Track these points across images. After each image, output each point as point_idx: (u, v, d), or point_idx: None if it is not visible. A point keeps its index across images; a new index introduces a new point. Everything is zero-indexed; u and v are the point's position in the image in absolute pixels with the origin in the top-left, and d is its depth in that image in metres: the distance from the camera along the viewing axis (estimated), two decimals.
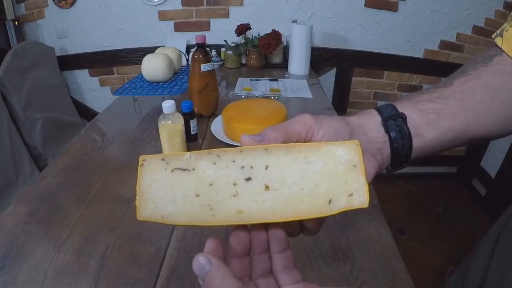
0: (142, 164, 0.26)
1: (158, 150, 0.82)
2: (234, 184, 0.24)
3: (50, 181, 0.73)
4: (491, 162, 1.85)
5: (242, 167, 0.24)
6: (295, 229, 0.29)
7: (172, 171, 0.25)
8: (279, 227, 0.26)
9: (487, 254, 0.55)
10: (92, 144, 0.89)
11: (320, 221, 0.29)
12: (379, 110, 0.35)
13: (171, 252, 0.54)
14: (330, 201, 0.24)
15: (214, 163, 0.25)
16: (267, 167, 0.25)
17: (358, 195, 0.24)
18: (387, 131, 0.34)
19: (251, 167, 0.24)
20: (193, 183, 0.25)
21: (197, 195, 0.25)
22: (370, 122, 0.34)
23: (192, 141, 0.87)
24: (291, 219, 0.24)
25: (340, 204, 0.24)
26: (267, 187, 0.24)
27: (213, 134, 0.89)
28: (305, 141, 0.29)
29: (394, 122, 0.34)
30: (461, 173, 2.06)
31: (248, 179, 0.24)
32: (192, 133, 0.87)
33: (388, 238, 0.56)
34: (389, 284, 0.48)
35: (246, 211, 0.24)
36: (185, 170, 0.25)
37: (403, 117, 0.34)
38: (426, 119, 0.35)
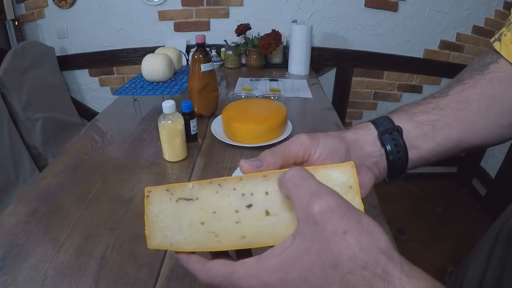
0: (148, 196, 0.27)
1: (158, 150, 0.82)
2: (236, 211, 0.26)
3: (50, 181, 0.73)
4: (491, 162, 1.84)
5: (243, 194, 0.26)
6: None
7: (177, 201, 0.27)
8: None
9: (486, 254, 0.55)
10: (92, 144, 0.89)
11: None
12: (375, 123, 0.35)
13: (171, 252, 0.54)
14: None
15: (217, 192, 0.26)
16: (266, 193, 0.26)
17: None
18: (383, 144, 0.34)
19: (251, 194, 0.26)
20: (198, 211, 0.26)
21: (202, 223, 0.26)
22: (366, 136, 0.34)
23: (192, 141, 0.87)
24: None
25: None
26: (267, 213, 0.25)
27: (213, 134, 0.89)
28: (302, 162, 0.30)
29: (390, 135, 0.34)
30: (461, 173, 2.06)
31: (249, 206, 0.26)
32: (192, 133, 0.87)
33: None
34: None
35: (249, 237, 0.25)
36: (189, 199, 0.26)
37: (399, 130, 0.34)
38: (422, 130, 0.35)
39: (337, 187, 0.25)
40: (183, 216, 0.26)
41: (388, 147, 0.34)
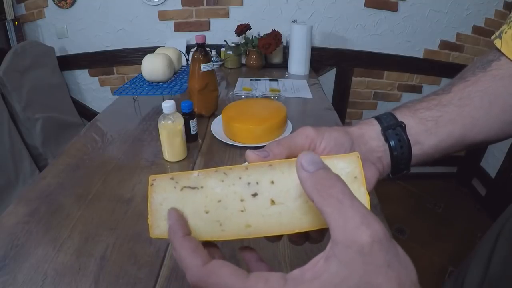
0: (152, 184, 0.27)
1: (158, 150, 0.82)
2: (242, 200, 0.26)
3: (50, 181, 0.73)
4: (491, 162, 1.84)
5: (248, 183, 0.26)
6: (300, 239, 0.30)
7: (182, 189, 0.26)
8: (249, 249, 0.28)
9: (487, 254, 0.55)
10: (92, 144, 0.89)
11: (324, 231, 0.29)
12: (379, 119, 0.36)
13: (171, 252, 0.54)
14: None
15: (222, 181, 0.26)
16: (272, 182, 0.25)
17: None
18: (386, 140, 0.34)
19: (257, 183, 0.26)
20: (202, 200, 0.26)
21: (207, 212, 0.26)
22: (370, 131, 0.35)
23: (192, 141, 0.87)
24: (296, 231, 0.25)
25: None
26: (273, 202, 0.25)
27: (213, 134, 0.89)
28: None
29: (393, 131, 0.34)
30: (461, 173, 2.06)
31: (255, 194, 0.25)
32: (192, 133, 0.87)
33: None
34: None
35: (254, 226, 0.25)
36: (194, 188, 0.26)
37: (402, 126, 0.35)
38: (425, 126, 0.35)
39: (342, 177, 0.25)
40: (188, 204, 0.26)
41: (392, 143, 0.34)
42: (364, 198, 0.25)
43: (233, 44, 1.59)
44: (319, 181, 0.20)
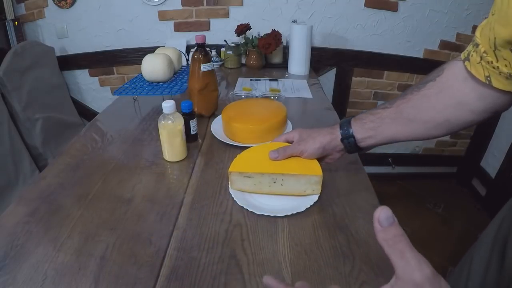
0: (230, 173, 0.64)
1: (158, 150, 0.82)
2: (269, 184, 0.64)
3: (50, 181, 0.73)
4: (491, 162, 1.85)
5: (272, 178, 0.63)
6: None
7: (244, 177, 0.64)
8: None
9: (486, 255, 0.56)
10: (92, 144, 0.89)
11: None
12: (341, 127, 0.60)
13: (171, 252, 0.54)
14: (305, 190, 0.63)
15: (262, 175, 0.63)
16: (282, 180, 0.63)
17: (317, 190, 0.63)
18: (342, 143, 0.61)
19: (276, 179, 0.63)
20: (253, 181, 0.64)
21: (255, 185, 0.64)
22: (336, 137, 0.61)
23: (192, 141, 0.87)
24: (289, 194, 0.64)
25: (308, 192, 0.63)
26: (281, 185, 0.63)
27: (213, 134, 0.89)
28: (298, 156, 0.64)
29: (347, 140, 0.59)
30: (461, 173, 2.06)
31: (275, 182, 0.63)
32: (192, 133, 0.87)
33: None
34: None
35: (274, 190, 0.64)
36: (249, 177, 0.64)
37: (353, 137, 0.59)
38: (368, 133, 0.57)
39: (312, 180, 0.62)
40: (246, 182, 0.64)
41: (345, 145, 0.61)
42: (319, 188, 0.63)
43: (233, 44, 1.59)
44: (390, 236, 0.27)
